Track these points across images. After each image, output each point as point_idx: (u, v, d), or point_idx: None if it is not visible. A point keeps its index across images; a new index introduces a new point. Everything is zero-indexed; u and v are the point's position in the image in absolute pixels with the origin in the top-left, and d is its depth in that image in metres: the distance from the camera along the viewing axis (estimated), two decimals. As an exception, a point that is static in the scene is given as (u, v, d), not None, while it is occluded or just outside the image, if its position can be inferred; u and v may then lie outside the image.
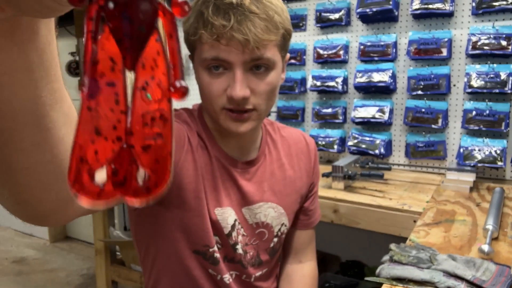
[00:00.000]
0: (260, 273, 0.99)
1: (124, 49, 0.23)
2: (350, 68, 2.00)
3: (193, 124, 0.89)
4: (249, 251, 0.95)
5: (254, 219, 0.94)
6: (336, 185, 1.56)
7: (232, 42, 0.73)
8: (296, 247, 1.09)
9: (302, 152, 1.05)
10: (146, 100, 0.25)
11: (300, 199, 1.04)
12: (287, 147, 1.02)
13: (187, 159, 0.84)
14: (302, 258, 1.10)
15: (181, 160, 0.83)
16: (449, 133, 1.78)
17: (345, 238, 2.16)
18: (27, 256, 3.46)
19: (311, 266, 1.10)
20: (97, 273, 2.36)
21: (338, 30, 2.02)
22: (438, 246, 0.99)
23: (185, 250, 0.89)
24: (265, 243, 0.98)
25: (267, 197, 0.95)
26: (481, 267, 0.84)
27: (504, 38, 1.58)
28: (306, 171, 1.04)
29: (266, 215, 0.95)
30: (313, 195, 1.09)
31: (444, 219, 1.19)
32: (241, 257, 0.93)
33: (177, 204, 0.85)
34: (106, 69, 0.24)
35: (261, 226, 0.95)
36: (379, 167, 1.63)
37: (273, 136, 1.01)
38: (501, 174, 1.70)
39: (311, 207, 1.08)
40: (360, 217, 1.40)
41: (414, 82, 1.79)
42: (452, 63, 1.75)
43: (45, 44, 0.31)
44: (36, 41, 0.30)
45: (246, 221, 0.93)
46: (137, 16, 0.22)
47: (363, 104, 1.91)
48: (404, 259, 0.87)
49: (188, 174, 0.84)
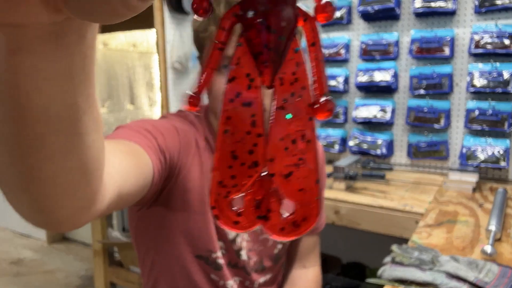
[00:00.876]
0: (264, 280, 0.98)
1: (262, 63, 0.20)
2: (352, 67, 1.98)
3: (200, 126, 0.88)
4: (252, 257, 0.95)
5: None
6: (337, 186, 1.55)
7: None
8: (300, 252, 1.09)
9: None
10: (285, 120, 0.22)
11: None
12: None
13: (194, 162, 0.84)
14: (306, 263, 1.09)
15: (188, 163, 0.83)
16: (451, 133, 1.77)
17: (346, 239, 2.15)
18: (24, 257, 3.45)
19: (315, 271, 1.10)
20: (95, 275, 2.35)
21: (339, 28, 2.01)
22: (441, 247, 0.99)
23: (187, 254, 0.88)
24: (269, 250, 0.97)
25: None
26: (484, 268, 0.84)
27: (507, 36, 1.57)
28: None
29: None
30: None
31: (446, 220, 1.18)
32: (244, 263, 0.93)
33: (181, 207, 0.84)
34: (243, 87, 0.21)
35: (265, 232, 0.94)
36: (381, 167, 1.64)
37: None
38: (504, 175, 1.69)
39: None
40: (362, 218, 1.39)
41: (416, 81, 1.77)
42: (455, 62, 1.74)
43: (88, 49, 0.29)
44: (82, 45, 0.28)
45: None
46: (279, 24, 0.20)
47: (364, 103, 1.90)
48: (406, 260, 0.87)
49: (194, 177, 0.84)
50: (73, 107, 0.31)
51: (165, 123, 0.81)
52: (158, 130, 0.76)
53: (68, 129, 0.32)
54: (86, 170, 0.36)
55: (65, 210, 0.39)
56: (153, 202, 0.84)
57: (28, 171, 0.34)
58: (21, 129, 0.30)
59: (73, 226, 0.43)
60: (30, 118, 0.30)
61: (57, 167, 0.34)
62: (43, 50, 0.26)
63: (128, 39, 1.88)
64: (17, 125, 0.30)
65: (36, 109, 0.29)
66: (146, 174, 0.66)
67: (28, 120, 0.30)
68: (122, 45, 1.90)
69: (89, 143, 0.35)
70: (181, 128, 0.83)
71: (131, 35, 1.89)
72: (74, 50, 0.28)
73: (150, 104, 1.87)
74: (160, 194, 0.81)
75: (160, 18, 1.84)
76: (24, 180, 0.35)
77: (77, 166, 0.35)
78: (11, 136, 0.31)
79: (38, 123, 0.30)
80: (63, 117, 0.31)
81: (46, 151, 0.32)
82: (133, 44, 1.87)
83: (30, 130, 0.31)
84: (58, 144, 0.33)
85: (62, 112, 0.31)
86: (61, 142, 0.33)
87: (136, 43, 1.86)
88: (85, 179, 0.37)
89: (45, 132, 0.31)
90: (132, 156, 0.62)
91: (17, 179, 0.35)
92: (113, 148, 0.57)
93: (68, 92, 0.30)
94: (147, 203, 0.84)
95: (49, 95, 0.29)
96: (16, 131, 0.31)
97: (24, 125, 0.30)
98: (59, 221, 0.40)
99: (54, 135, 0.32)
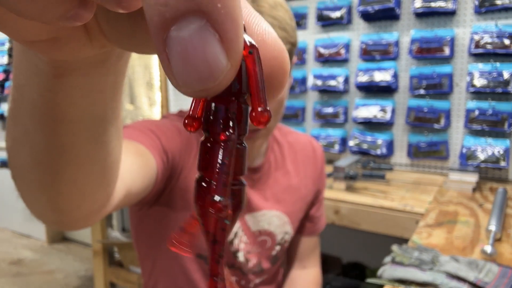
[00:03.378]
0: (261, 280, 0.98)
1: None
2: (352, 67, 1.99)
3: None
4: (251, 259, 0.95)
5: (257, 227, 0.94)
6: (337, 186, 1.55)
7: None
8: (300, 253, 1.09)
9: (308, 158, 1.05)
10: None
11: (306, 207, 1.04)
12: (293, 153, 1.02)
13: (196, 162, 0.84)
14: (306, 264, 1.10)
15: (190, 163, 0.84)
16: (451, 133, 1.77)
17: (346, 239, 2.15)
18: (24, 258, 3.45)
19: (315, 272, 1.11)
20: (95, 275, 2.35)
21: (339, 28, 2.01)
22: (441, 247, 0.99)
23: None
24: (267, 251, 0.97)
25: (271, 205, 0.95)
26: (484, 268, 0.84)
27: (507, 36, 1.58)
28: (312, 178, 1.04)
29: (269, 223, 0.95)
30: (319, 202, 1.09)
31: (446, 220, 1.18)
32: (241, 264, 0.93)
33: (182, 207, 0.85)
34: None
35: (263, 234, 0.95)
36: (381, 167, 1.64)
37: (280, 141, 1.02)
38: (504, 175, 1.69)
39: (316, 214, 1.08)
40: (362, 218, 1.39)
41: (416, 81, 1.78)
42: (455, 62, 1.74)
43: (123, 65, 0.31)
44: (118, 65, 0.29)
45: (248, 228, 0.93)
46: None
47: (364, 103, 1.90)
48: (406, 260, 0.87)
49: (194, 178, 0.83)
50: (102, 118, 0.33)
51: (167, 124, 0.82)
52: (161, 130, 0.78)
53: (94, 137, 0.34)
54: (105, 174, 0.39)
55: (81, 211, 0.41)
56: (155, 202, 0.85)
57: (52, 174, 0.36)
58: (52, 138, 0.33)
59: (85, 226, 0.45)
60: (62, 129, 0.32)
61: (79, 171, 0.36)
62: (85, 73, 0.28)
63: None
64: (48, 135, 0.32)
65: (69, 121, 0.31)
66: (151, 174, 0.68)
67: (60, 131, 0.32)
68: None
69: (111, 149, 0.37)
70: (182, 129, 0.84)
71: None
72: (110, 70, 0.29)
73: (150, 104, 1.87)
74: (161, 194, 0.82)
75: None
76: (47, 182, 0.36)
77: (98, 170, 0.38)
78: (41, 143, 0.33)
79: (68, 133, 0.32)
80: (92, 127, 0.33)
81: (71, 157, 0.35)
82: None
83: (60, 139, 0.33)
84: (84, 151, 0.35)
85: (91, 123, 0.33)
86: (86, 149, 0.35)
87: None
88: (104, 182, 0.39)
89: (74, 141, 0.33)
90: (139, 157, 0.64)
91: (39, 181, 0.37)
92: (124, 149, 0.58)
93: (99, 105, 0.32)
94: (149, 203, 0.84)
95: (83, 109, 0.31)
96: (47, 140, 0.33)
97: (56, 135, 0.32)
98: (73, 221, 0.42)
99: (82, 143, 0.34)
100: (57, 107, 0.30)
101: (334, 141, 2.00)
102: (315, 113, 2.06)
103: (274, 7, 0.78)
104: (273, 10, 0.78)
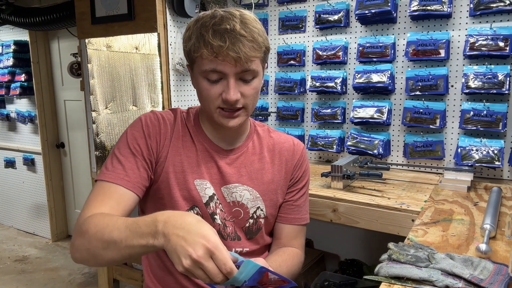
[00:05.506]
0: (240, 250, 1.09)
1: None
2: (349, 69, 2.01)
3: (187, 119, 1.10)
4: (228, 225, 1.08)
5: (230, 198, 1.09)
6: (335, 185, 1.57)
7: (227, 58, 0.92)
8: (280, 238, 1.17)
9: (286, 150, 1.17)
10: None
11: (280, 191, 1.14)
12: (271, 144, 1.17)
13: (173, 146, 1.06)
14: (289, 246, 1.17)
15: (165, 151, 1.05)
16: (447, 133, 1.80)
17: (344, 237, 2.17)
18: (29, 255, 3.47)
19: (295, 250, 1.17)
20: (99, 272, 2.37)
21: (337, 31, 2.04)
22: (436, 245, 1.00)
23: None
24: (241, 222, 1.11)
25: (244, 181, 1.10)
26: (479, 266, 0.84)
27: (501, 39, 1.59)
28: (286, 165, 1.16)
29: (241, 196, 1.10)
30: (298, 190, 1.18)
31: (442, 218, 1.20)
32: (220, 228, 1.08)
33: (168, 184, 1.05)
34: None
35: (237, 205, 1.10)
36: (378, 167, 1.64)
37: (260, 133, 1.18)
38: (499, 174, 1.72)
39: (296, 202, 1.17)
40: (359, 216, 1.41)
41: (412, 83, 1.80)
42: (450, 64, 1.76)
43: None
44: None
45: (224, 199, 1.09)
46: None
47: (361, 104, 1.93)
48: (402, 258, 0.88)
49: (174, 160, 1.06)
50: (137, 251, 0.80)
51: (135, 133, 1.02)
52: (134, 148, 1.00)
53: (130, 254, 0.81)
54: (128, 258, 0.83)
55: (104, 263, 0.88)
56: (150, 196, 1.06)
57: (104, 252, 0.82)
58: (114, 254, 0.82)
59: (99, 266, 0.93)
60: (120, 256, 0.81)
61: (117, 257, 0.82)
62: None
63: (130, 41, 1.90)
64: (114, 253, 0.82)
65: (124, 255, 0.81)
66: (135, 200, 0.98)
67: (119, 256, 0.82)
68: (125, 47, 1.92)
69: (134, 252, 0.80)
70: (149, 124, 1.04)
71: (134, 37, 1.91)
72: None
73: (153, 105, 1.90)
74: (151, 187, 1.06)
75: (163, 20, 1.86)
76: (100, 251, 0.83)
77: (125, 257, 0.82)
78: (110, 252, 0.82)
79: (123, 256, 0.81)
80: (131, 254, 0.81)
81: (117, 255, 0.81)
82: (136, 47, 1.89)
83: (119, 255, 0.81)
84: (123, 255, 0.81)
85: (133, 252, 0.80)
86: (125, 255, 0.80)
87: (139, 45, 1.88)
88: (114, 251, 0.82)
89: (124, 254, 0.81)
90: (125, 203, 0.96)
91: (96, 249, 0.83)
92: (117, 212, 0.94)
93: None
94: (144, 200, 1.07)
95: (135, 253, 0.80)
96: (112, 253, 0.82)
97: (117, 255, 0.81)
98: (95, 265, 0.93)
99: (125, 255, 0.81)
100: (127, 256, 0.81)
101: (332, 141, 2.02)
102: (313, 113, 2.09)
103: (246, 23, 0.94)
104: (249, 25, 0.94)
